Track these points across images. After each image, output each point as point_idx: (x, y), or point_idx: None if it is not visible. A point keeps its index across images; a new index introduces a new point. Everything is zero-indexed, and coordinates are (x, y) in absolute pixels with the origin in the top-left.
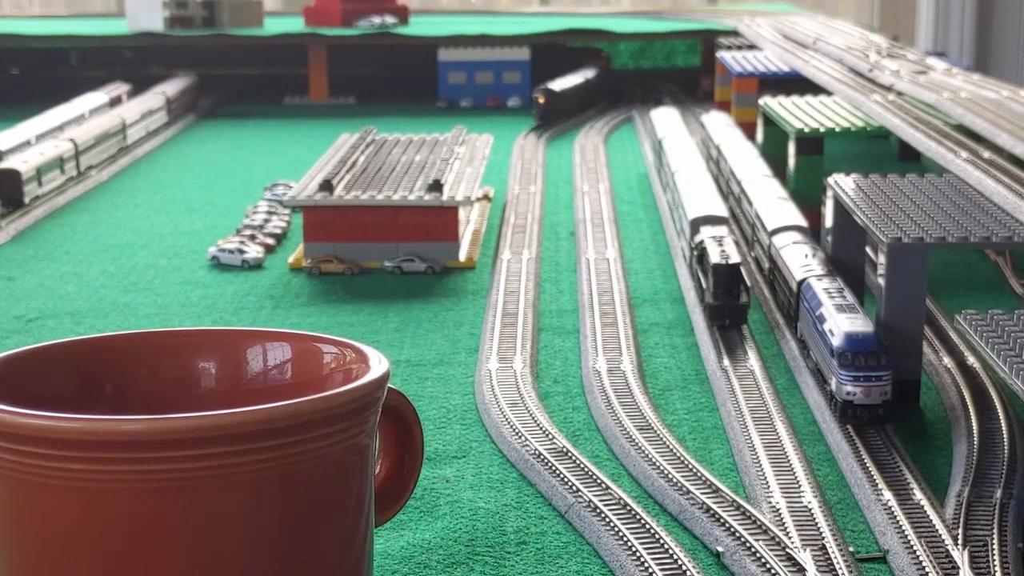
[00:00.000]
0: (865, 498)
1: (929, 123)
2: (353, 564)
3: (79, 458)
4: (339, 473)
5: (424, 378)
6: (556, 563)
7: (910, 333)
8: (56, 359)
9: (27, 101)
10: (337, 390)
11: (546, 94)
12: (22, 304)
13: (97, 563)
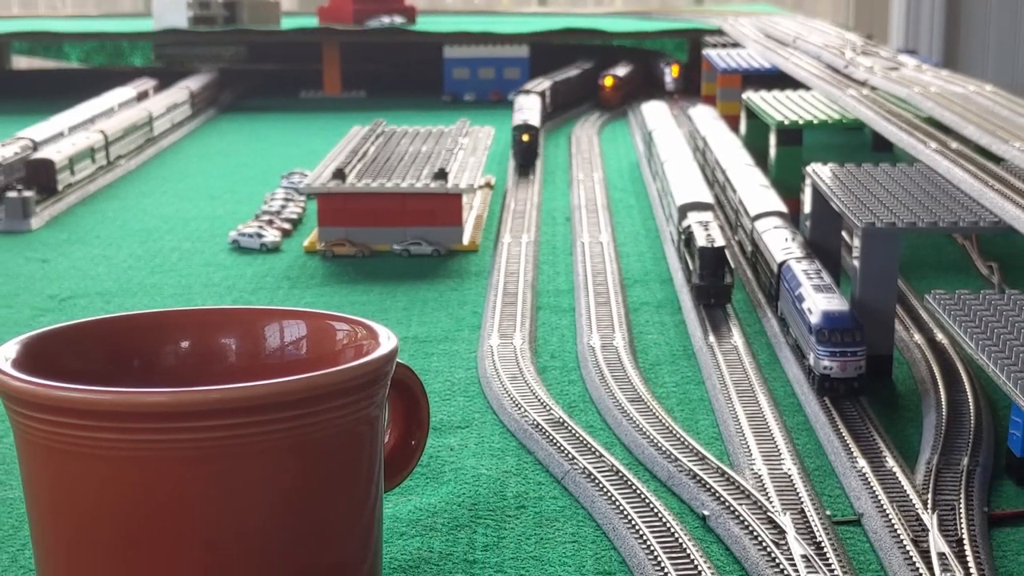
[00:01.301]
0: (841, 465)
1: (901, 116)
2: (364, 526)
3: (108, 428)
4: (351, 442)
5: (430, 353)
6: (553, 526)
7: (883, 312)
8: (87, 336)
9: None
10: (349, 365)
11: (530, 131)
12: (55, 284)
13: (124, 527)
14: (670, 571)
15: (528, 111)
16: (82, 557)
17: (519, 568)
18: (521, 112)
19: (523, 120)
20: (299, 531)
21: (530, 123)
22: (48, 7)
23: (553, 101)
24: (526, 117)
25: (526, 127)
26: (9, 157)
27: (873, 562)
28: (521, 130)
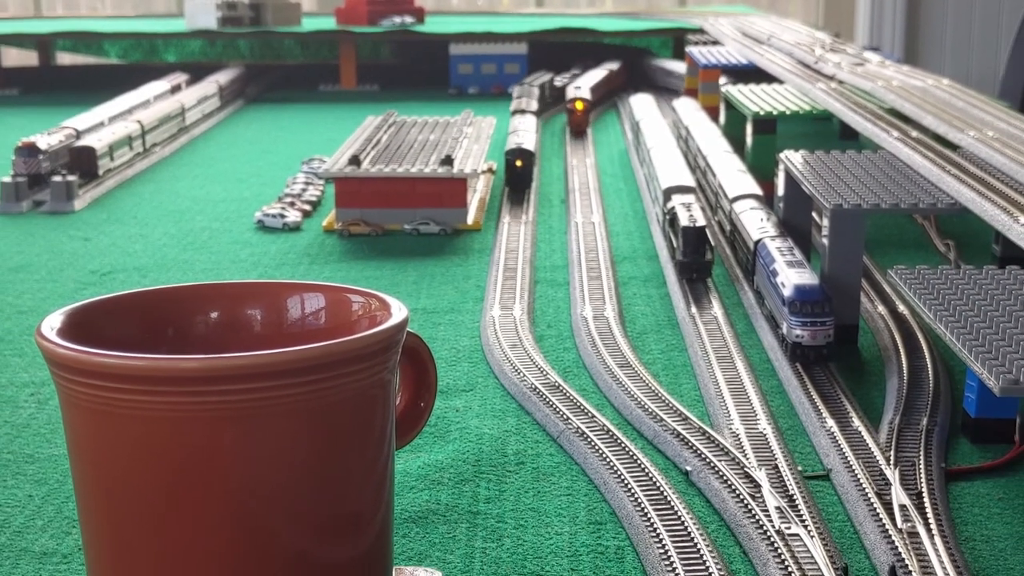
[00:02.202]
0: (811, 425)
1: (865, 107)
2: (378, 481)
3: (144, 391)
4: (366, 404)
5: (437, 323)
6: (549, 480)
7: (849, 285)
8: (125, 307)
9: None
10: (364, 333)
11: (524, 157)
12: (96, 260)
13: (158, 481)
14: (656, 521)
15: (523, 132)
16: (120, 508)
17: (518, 518)
18: (516, 134)
19: (517, 144)
20: (318, 485)
21: (524, 147)
22: (89, 8)
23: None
24: (520, 140)
25: (520, 152)
26: (54, 145)
27: (840, 513)
28: (515, 155)
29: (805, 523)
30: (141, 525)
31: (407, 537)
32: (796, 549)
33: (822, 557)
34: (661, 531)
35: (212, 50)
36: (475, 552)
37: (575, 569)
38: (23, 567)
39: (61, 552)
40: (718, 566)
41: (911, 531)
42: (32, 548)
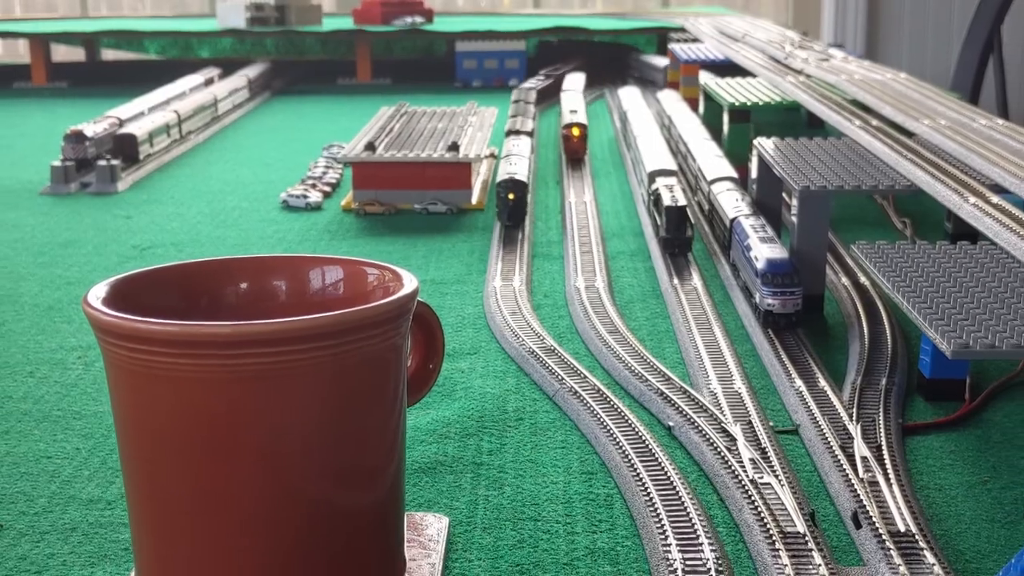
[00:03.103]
0: (781, 385)
1: (830, 98)
2: (391, 435)
3: (180, 354)
4: (380, 366)
5: (445, 293)
6: (546, 434)
7: (816, 259)
8: (163, 278)
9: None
10: (378, 302)
11: (515, 189)
12: (137, 236)
13: (192, 436)
14: (641, 471)
15: (516, 160)
16: (158, 460)
17: (517, 469)
18: (508, 161)
19: (509, 174)
20: (338, 439)
21: (517, 179)
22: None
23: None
24: (513, 170)
25: (512, 184)
26: (99, 132)
27: (808, 464)
28: (507, 187)
29: (776, 473)
30: (177, 475)
31: (417, 486)
32: (768, 496)
33: (791, 503)
34: (646, 480)
35: (241, 47)
36: (478, 499)
37: (569, 514)
38: (71, 513)
39: (106, 499)
40: (698, 512)
41: (871, 480)
42: (80, 496)
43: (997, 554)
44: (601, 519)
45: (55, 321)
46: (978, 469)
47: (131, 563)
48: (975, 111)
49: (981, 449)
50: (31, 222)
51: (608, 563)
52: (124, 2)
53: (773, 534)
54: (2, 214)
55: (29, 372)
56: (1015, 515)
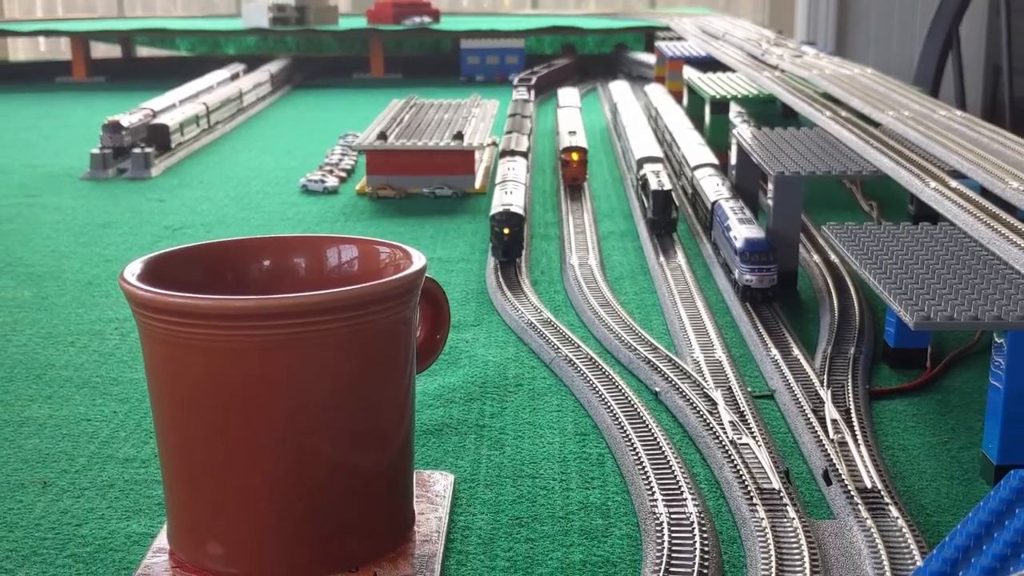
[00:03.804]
0: (758, 353)
1: (803, 92)
2: (402, 400)
3: (209, 326)
4: (392, 336)
5: (451, 270)
6: (543, 399)
7: (790, 238)
8: (193, 256)
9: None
10: (390, 278)
11: (511, 222)
12: (169, 218)
13: (220, 400)
14: (631, 433)
15: (511, 188)
16: (188, 423)
17: (517, 430)
18: (503, 189)
19: (504, 205)
20: (353, 404)
21: (513, 211)
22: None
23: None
24: (508, 200)
25: (507, 217)
26: (135, 123)
27: (783, 426)
28: (502, 221)
29: (753, 434)
30: (206, 437)
31: (425, 446)
32: (746, 456)
33: (768, 462)
34: (635, 441)
35: (265, 45)
36: (481, 458)
37: (564, 472)
38: (109, 471)
39: (140, 458)
40: (682, 470)
41: (841, 441)
42: (116, 455)
43: (956, 508)
44: (593, 476)
45: (94, 295)
46: (938, 431)
47: (163, 517)
48: (935, 103)
49: (941, 412)
50: (72, 205)
51: (600, 516)
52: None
53: (751, 490)
54: (46, 198)
55: (70, 342)
56: (972, 473)
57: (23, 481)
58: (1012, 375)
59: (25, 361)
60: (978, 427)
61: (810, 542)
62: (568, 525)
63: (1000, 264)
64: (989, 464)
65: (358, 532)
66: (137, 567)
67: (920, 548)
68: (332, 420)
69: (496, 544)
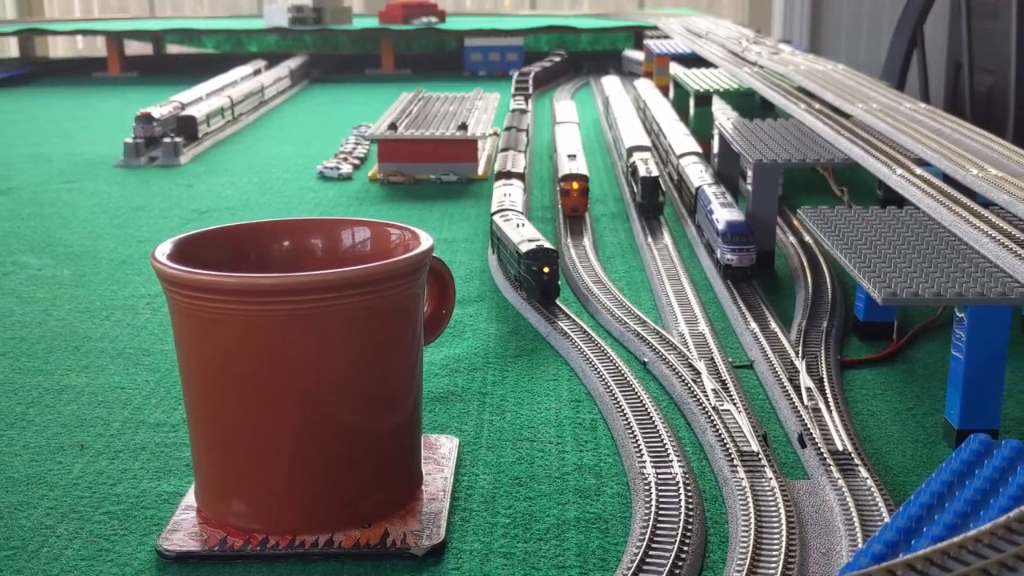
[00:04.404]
0: (738, 327)
1: (780, 86)
2: (411, 369)
3: (233, 301)
4: (402, 311)
5: (456, 250)
6: (541, 368)
7: (768, 221)
8: (219, 238)
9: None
10: (400, 257)
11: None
12: (197, 202)
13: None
14: (621, 399)
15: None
16: (214, 390)
17: (517, 397)
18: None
19: (531, 240)
20: (367, 373)
21: (547, 247)
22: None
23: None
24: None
25: (544, 255)
26: (165, 114)
27: (761, 393)
28: (539, 258)
29: (734, 401)
30: (232, 403)
31: (433, 412)
32: (727, 421)
33: (747, 427)
34: (625, 407)
35: (284, 43)
36: (484, 423)
37: (559, 436)
38: (141, 435)
39: (170, 423)
40: (668, 434)
41: (814, 407)
42: (148, 420)
43: (920, 469)
44: (587, 440)
45: (127, 273)
46: (904, 398)
47: (191, 477)
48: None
49: (906, 381)
50: (107, 190)
51: (592, 476)
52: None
53: (732, 453)
54: (83, 183)
55: (106, 316)
56: (935, 436)
57: (62, 444)
58: (972, 347)
59: (64, 334)
60: (940, 395)
61: (786, 500)
62: (563, 484)
63: (961, 245)
64: (951, 429)
65: (371, 491)
66: (167, 523)
67: (887, 506)
68: (348, 387)
69: (497, 502)
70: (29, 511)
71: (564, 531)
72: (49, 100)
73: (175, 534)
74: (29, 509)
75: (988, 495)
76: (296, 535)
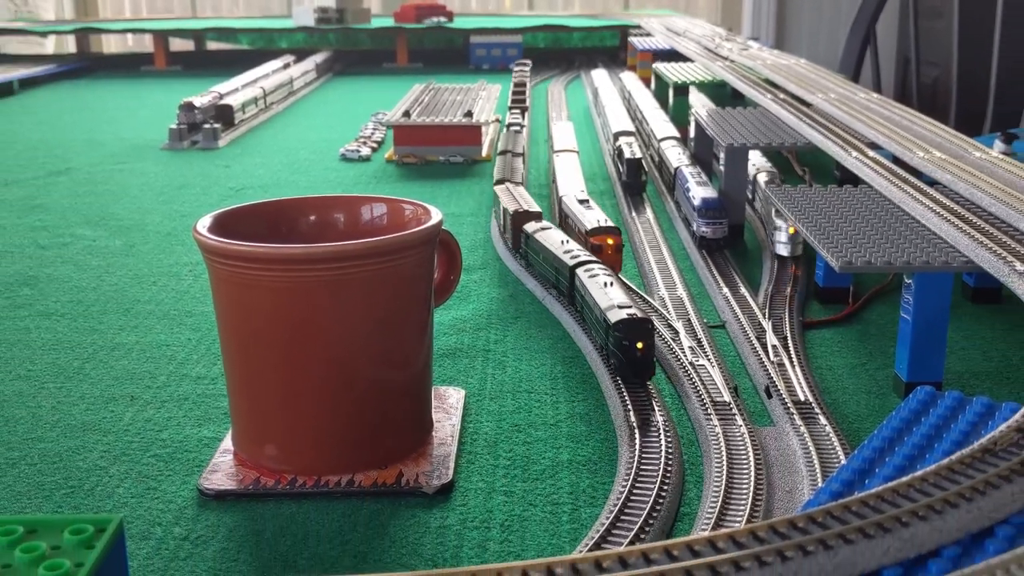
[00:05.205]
0: (712, 291)
1: (749, 78)
2: (423, 328)
3: (266, 269)
4: (415, 277)
5: (462, 223)
6: (537, 329)
7: (738, 198)
8: (253, 212)
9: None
10: (413, 230)
11: (643, 333)
12: (233, 181)
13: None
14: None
15: (609, 279)
16: (250, 348)
17: (516, 354)
18: (609, 291)
19: (622, 309)
20: (385, 332)
21: (638, 316)
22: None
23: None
24: (620, 299)
25: (638, 327)
26: (205, 103)
27: (732, 351)
28: (630, 332)
29: (708, 357)
30: (265, 359)
31: (441, 367)
32: (702, 374)
33: (720, 379)
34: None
35: (311, 40)
36: (487, 377)
37: (554, 388)
38: (185, 386)
39: (210, 376)
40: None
41: (779, 362)
42: (190, 374)
43: (873, 417)
44: (578, 391)
45: (172, 244)
46: (859, 354)
47: (228, 424)
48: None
49: (861, 339)
50: (154, 170)
51: (583, 423)
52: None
53: (706, 402)
54: (133, 164)
55: (153, 281)
56: (886, 388)
57: (115, 395)
58: (918, 309)
59: (116, 298)
60: (891, 352)
61: (754, 445)
62: (557, 431)
63: (909, 219)
64: (900, 382)
65: (388, 436)
66: (207, 465)
67: (844, 449)
68: (368, 344)
69: (499, 446)
70: (85, 454)
71: (558, 472)
72: (102, 91)
73: (214, 474)
74: (85, 452)
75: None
76: (321, 475)
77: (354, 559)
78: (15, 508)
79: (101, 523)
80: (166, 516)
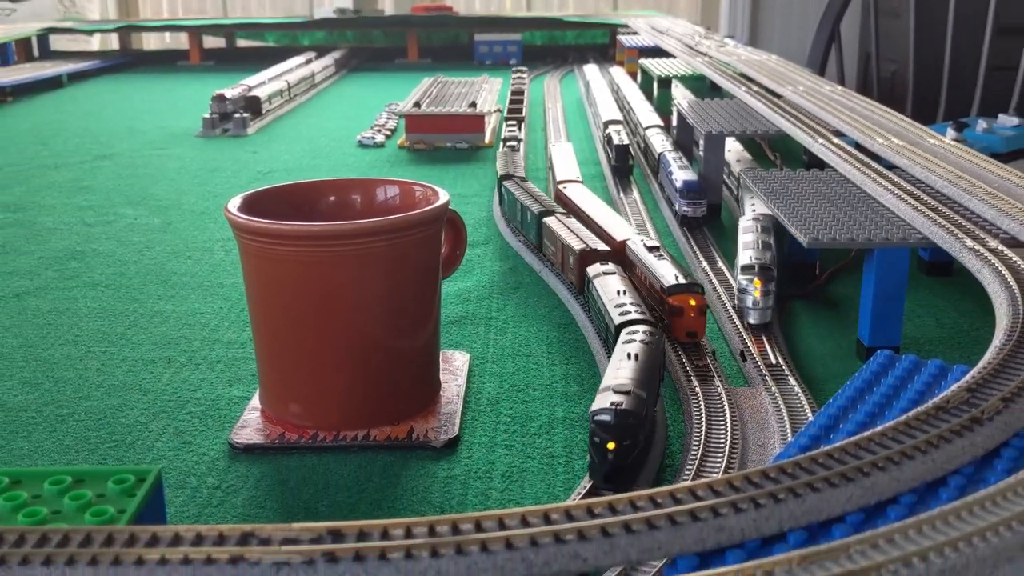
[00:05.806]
0: (693, 264)
1: (726, 72)
2: (433, 297)
3: (291, 245)
4: (425, 252)
5: (467, 202)
6: (535, 298)
7: (716, 180)
8: (279, 193)
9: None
10: (423, 209)
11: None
12: (260, 165)
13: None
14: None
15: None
16: (276, 317)
17: (516, 321)
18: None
19: (617, 392)
20: (398, 301)
21: (623, 410)
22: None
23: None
24: (623, 391)
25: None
26: (235, 95)
27: (710, 318)
28: (604, 427)
29: None
30: (289, 326)
31: (448, 332)
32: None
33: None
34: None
35: (330, 37)
36: (489, 342)
37: (550, 352)
38: (217, 351)
39: (239, 342)
40: None
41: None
42: (222, 339)
43: (836, 379)
44: (571, 355)
45: (205, 222)
46: (825, 322)
47: (256, 385)
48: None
49: (827, 308)
50: (189, 155)
51: (576, 384)
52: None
53: (687, 365)
54: (170, 150)
55: (188, 256)
56: (848, 352)
57: (154, 358)
58: (879, 281)
59: (155, 270)
60: (854, 319)
61: (730, 403)
62: (553, 391)
63: (870, 199)
64: (862, 346)
65: (399, 395)
66: (237, 421)
67: (811, 408)
68: (382, 312)
69: (500, 405)
70: (127, 411)
71: (554, 428)
72: (142, 84)
73: (243, 430)
74: (127, 410)
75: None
76: (339, 430)
77: (370, 505)
78: (64, 460)
79: (141, 473)
80: (200, 467)
